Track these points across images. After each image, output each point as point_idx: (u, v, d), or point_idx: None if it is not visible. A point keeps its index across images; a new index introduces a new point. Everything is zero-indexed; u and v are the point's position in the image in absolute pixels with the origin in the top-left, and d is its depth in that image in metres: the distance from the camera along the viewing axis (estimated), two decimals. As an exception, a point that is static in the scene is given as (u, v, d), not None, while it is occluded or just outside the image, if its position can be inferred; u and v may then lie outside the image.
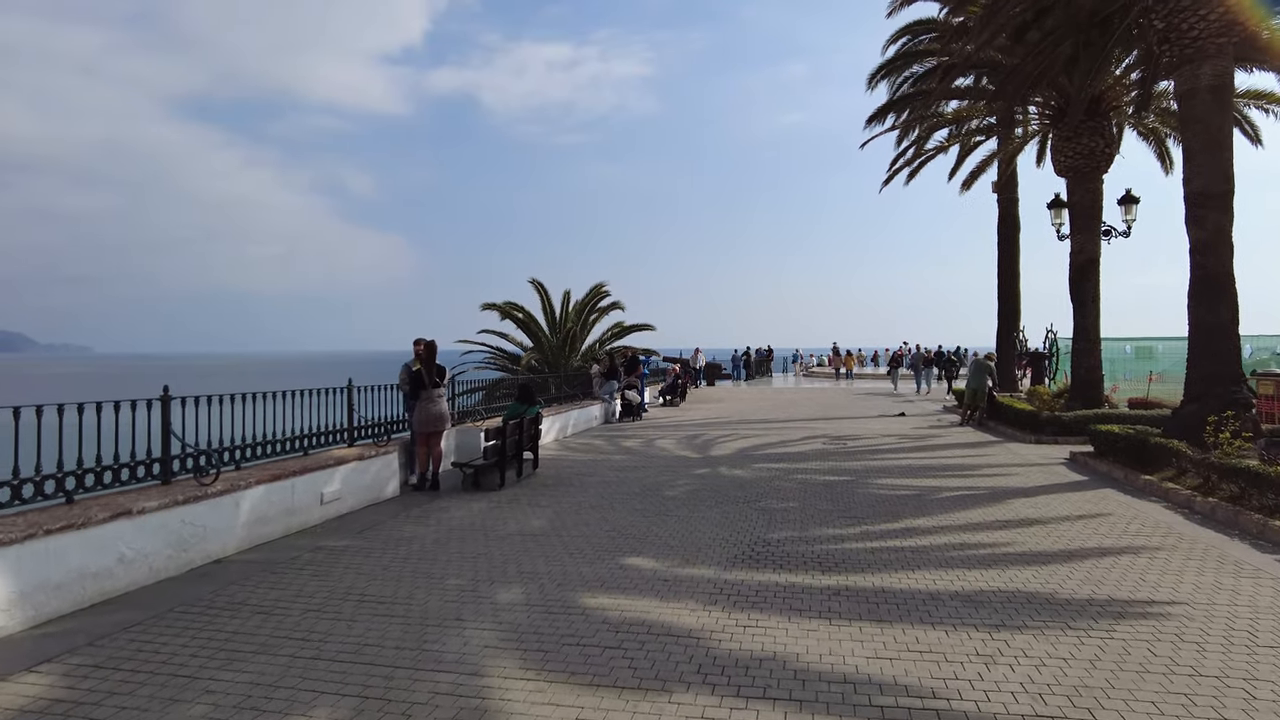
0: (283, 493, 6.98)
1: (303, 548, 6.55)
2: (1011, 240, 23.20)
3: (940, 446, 13.57)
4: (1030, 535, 6.82)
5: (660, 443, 14.10)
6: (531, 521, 7.49)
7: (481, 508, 8.21)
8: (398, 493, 8.98)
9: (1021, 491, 9.02)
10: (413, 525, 7.43)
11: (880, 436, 15.01)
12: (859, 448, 13.32)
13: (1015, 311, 23.20)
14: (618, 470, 10.80)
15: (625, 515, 7.75)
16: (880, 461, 11.64)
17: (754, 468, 10.94)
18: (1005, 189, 23.07)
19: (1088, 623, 4.59)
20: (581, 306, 27.69)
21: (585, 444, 14.00)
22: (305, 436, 8.13)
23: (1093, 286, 15.35)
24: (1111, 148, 15.14)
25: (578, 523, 7.41)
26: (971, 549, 6.38)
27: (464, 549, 6.47)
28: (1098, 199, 15.41)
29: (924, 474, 10.37)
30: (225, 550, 6.24)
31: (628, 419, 18.92)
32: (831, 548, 6.42)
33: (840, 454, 12.43)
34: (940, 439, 14.76)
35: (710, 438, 14.82)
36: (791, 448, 13.32)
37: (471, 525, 7.37)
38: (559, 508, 8.16)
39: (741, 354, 42.17)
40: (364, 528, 7.34)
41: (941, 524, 7.31)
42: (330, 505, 7.71)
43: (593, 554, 6.24)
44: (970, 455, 12.36)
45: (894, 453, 12.72)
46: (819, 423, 17.73)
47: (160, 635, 4.49)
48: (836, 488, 9.27)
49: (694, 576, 5.59)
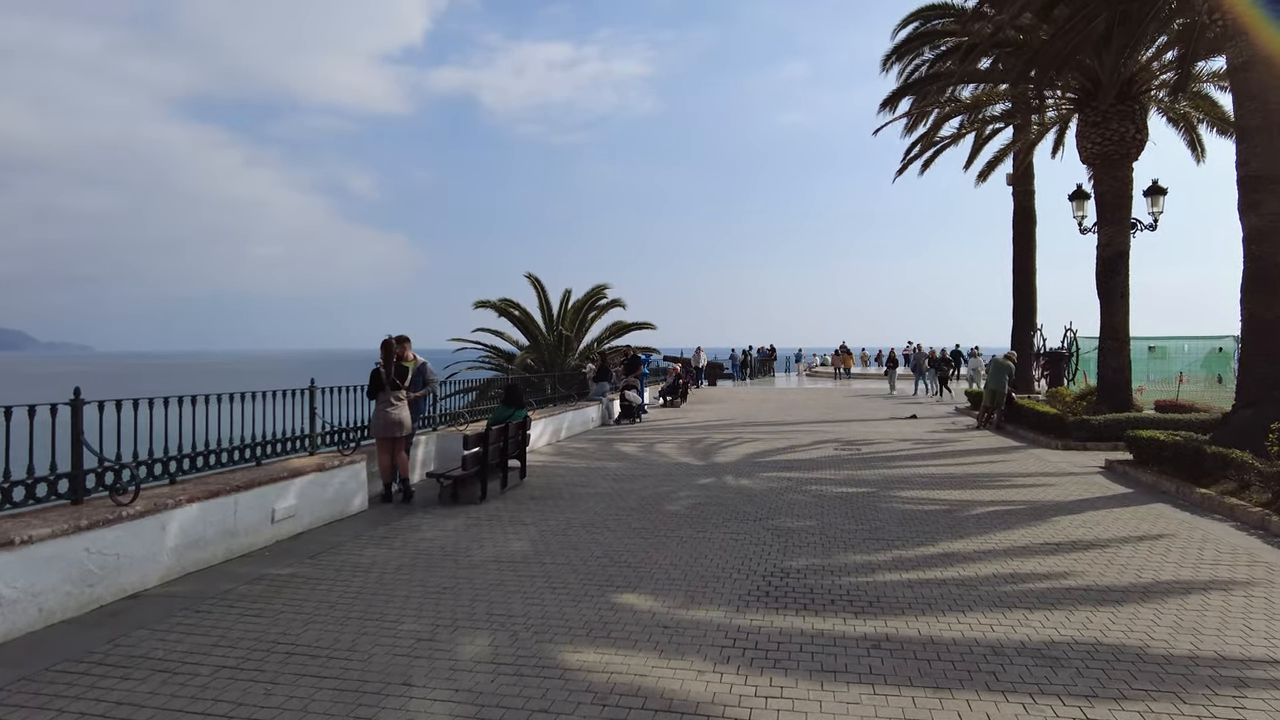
0: (222, 511, 6.02)
1: (242, 577, 5.59)
2: (1028, 235, 22.24)
3: (961, 453, 12.61)
4: (1090, 563, 5.86)
5: (660, 447, 13.14)
6: (512, 544, 6.53)
7: (457, 526, 7.25)
8: (365, 507, 8.02)
9: (1063, 507, 8.06)
10: (375, 548, 6.47)
11: (895, 441, 14.05)
12: (874, 454, 12.36)
13: (1031, 309, 22.25)
14: (614, 479, 9.83)
15: (620, 536, 6.78)
16: (899, 470, 10.68)
17: (763, 477, 9.98)
18: (1021, 181, 22.11)
19: (1204, 691, 3.63)
20: (580, 305, 26.75)
21: (580, 449, 13.04)
22: (257, 445, 7.17)
23: (1122, 281, 14.37)
24: (1142, 133, 14.16)
25: (565, 546, 6.45)
26: (1026, 581, 5.41)
27: (428, 580, 5.50)
28: (1127, 188, 14.44)
29: (950, 485, 9.41)
30: (146, 582, 5.28)
31: (626, 421, 17.96)
32: (861, 580, 5.46)
33: (855, 461, 11.47)
34: (959, 444, 13.80)
35: (713, 442, 13.86)
36: (801, 454, 12.36)
37: (442, 548, 6.40)
38: (545, 526, 7.20)
39: (743, 353, 41.20)
40: (319, 550, 6.38)
41: (984, 548, 6.35)
42: (283, 524, 6.75)
43: (579, 588, 5.28)
44: (996, 462, 11.40)
45: (913, 460, 11.76)
46: (828, 426, 16.77)
47: (13, 712, 3.52)
48: (856, 502, 8.31)
49: (700, 621, 4.62)
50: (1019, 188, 22.25)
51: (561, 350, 25.34)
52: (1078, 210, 17.44)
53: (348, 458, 7.84)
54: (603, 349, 26.86)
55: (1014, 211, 22.48)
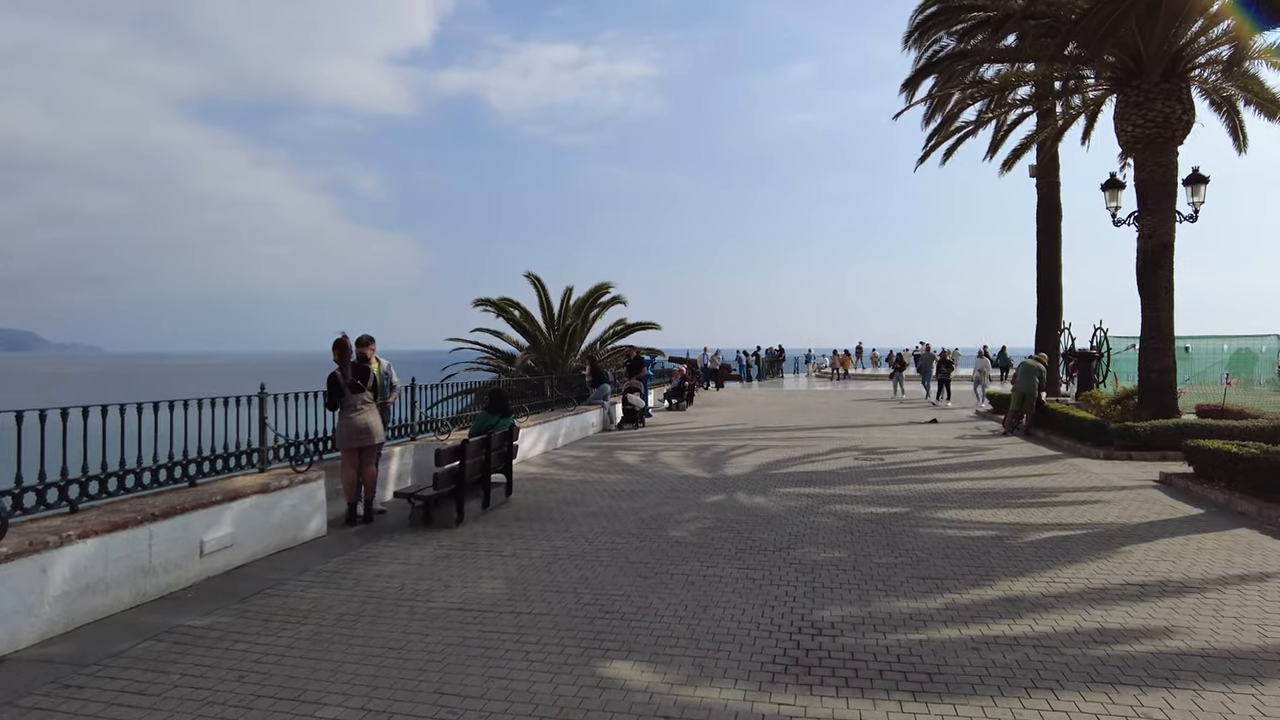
0: (131, 546, 4.96)
1: (146, 630, 4.54)
2: (1053, 228, 21.04)
3: (994, 463, 11.48)
4: (1193, 614, 4.75)
5: (664, 457, 12.05)
6: (484, 583, 5.45)
7: (423, 557, 6.18)
8: (323, 532, 6.95)
9: (1130, 532, 6.94)
10: (320, 588, 5.41)
11: (919, 449, 12.93)
12: (899, 464, 11.25)
13: (1057, 307, 21.04)
14: (611, 496, 8.76)
15: (614, 572, 5.70)
16: (932, 484, 9.56)
17: (779, 493, 8.88)
18: (1046, 172, 20.90)
19: None
20: (582, 303, 25.69)
21: (577, 458, 11.97)
22: (190, 462, 6.12)
23: (1166, 276, 13.20)
24: (1189, 114, 12.98)
25: (546, 586, 5.37)
26: (1120, 641, 4.30)
27: (373, 636, 4.44)
28: (1172, 174, 13.26)
29: (991, 502, 8.30)
30: (16, 642, 4.22)
31: (629, 426, 16.89)
32: (913, 639, 4.36)
33: (879, 473, 10.36)
34: (989, 452, 12.67)
35: (722, 450, 12.77)
36: (819, 463, 11.26)
37: (399, 589, 5.34)
38: (527, 558, 6.12)
39: (751, 354, 40.06)
40: (253, 591, 5.32)
41: (1052, 589, 5.24)
42: (216, 557, 5.69)
43: (557, 650, 4.20)
44: (1035, 475, 10.27)
45: (943, 472, 10.63)
46: (844, 432, 15.65)
47: None
48: (890, 525, 7.20)
49: (713, 706, 3.54)
50: (1043, 179, 21.05)
51: (563, 351, 24.29)
52: (1111, 201, 16.28)
53: (301, 475, 6.78)
54: (605, 350, 25.83)
55: (1038, 204, 21.29)
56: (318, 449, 7.62)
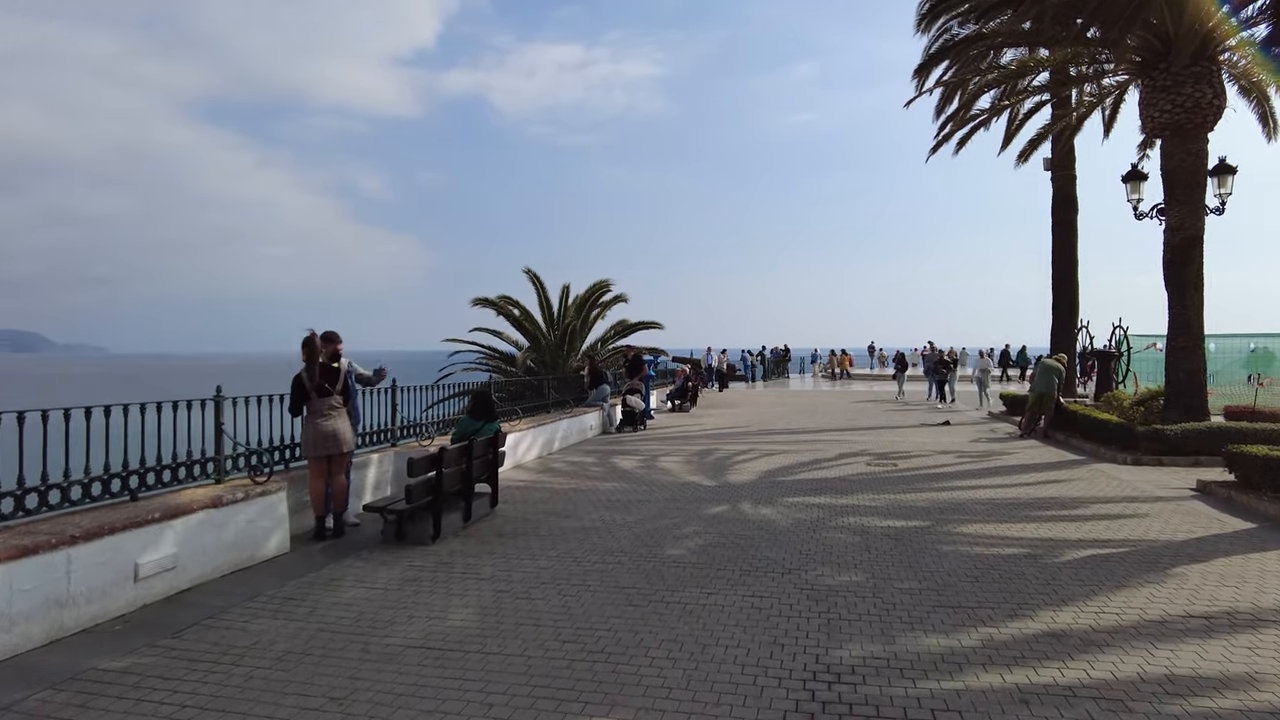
0: (43, 574, 4.32)
1: (50, 676, 3.90)
2: (1069, 223, 20.35)
3: (1015, 469, 10.78)
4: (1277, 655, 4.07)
5: (664, 462, 11.39)
6: (453, 614, 4.80)
7: (390, 581, 5.53)
8: (286, 549, 6.31)
9: (1178, 551, 6.25)
10: (269, 617, 4.76)
11: (934, 454, 12.23)
12: (914, 470, 10.56)
13: (1073, 304, 20.34)
14: (605, 507, 8.10)
15: (601, 600, 5.04)
16: (951, 493, 8.88)
17: (787, 503, 8.21)
18: (1062, 164, 20.20)
19: None
20: (582, 302, 25.03)
21: (573, 464, 11.31)
22: (131, 474, 5.49)
23: (1195, 271, 12.48)
24: (1220, 98, 12.26)
25: (524, 618, 4.71)
26: (1199, 694, 3.62)
27: (315, 681, 3.79)
28: (1201, 163, 12.54)
29: (1018, 514, 7.61)
30: (-111, 693, 3.60)
31: (629, 429, 16.23)
32: (947, 687, 3.69)
33: (894, 481, 9.68)
34: (1008, 456, 11.98)
35: (726, 455, 12.10)
36: (828, 469, 10.58)
37: (356, 620, 4.69)
38: (505, 582, 5.47)
39: (756, 353, 39.36)
40: (192, 622, 4.68)
41: (1102, 622, 4.56)
42: (154, 581, 5.05)
43: (528, 703, 3.54)
44: (1061, 482, 9.58)
45: (962, 479, 9.94)
46: (853, 435, 14.96)
47: None
48: (910, 542, 6.53)
49: (709, 784, 2.88)
50: (1059, 172, 20.34)
51: (563, 351, 23.65)
52: (1133, 193, 15.56)
53: (260, 487, 6.14)
54: (606, 349, 25.18)
55: (1053, 198, 20.60)
56: (282, 458, 6.98)
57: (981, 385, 22.05)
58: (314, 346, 6.81)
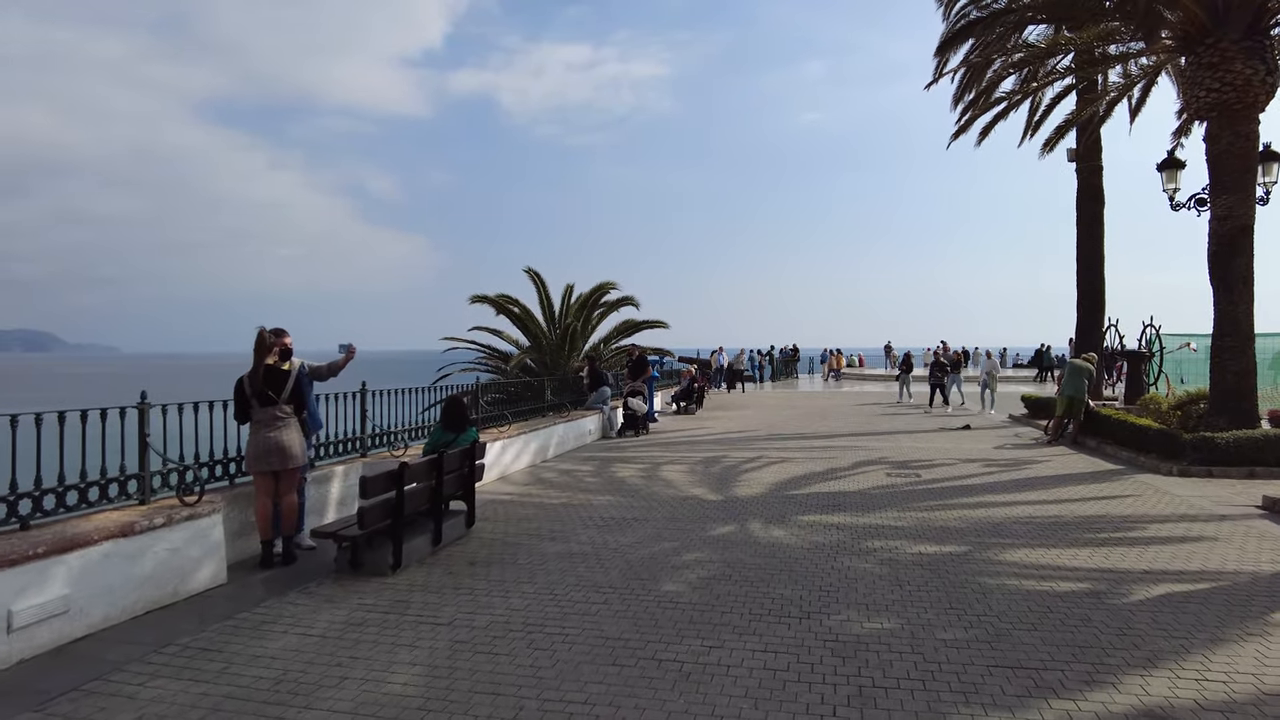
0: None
1: None
2: (1095, 217, 19.23)
3: (1050, 480, 9.81)
4: None
5: (667, 471, 10.47)
6: (396, 674, 3.89)
7: (331, 625, 4.63)
8: (222, 579, 5.43)
9: (1270, 587, 5.28)
10: (169, 677, 3.87)
11: (958, 462, 11.27)
12: (940, 482, 9.61)
13: (1099, 301, 19.21)
14: (597, 526, 7.19)
15: (579, 657, 4.13)
16: (985, 509, 7.92)
17: (801, 523, 7.28)
18: (1088, 155, 19.10)
19: None
20: (585, 301, 24.15)
21: (567, 473, 10.41)
22: (22, 496, 4.61)
23: (1245, 263, 11.46)
24: (1274, 76, 11.25)
25: (481, 683, 3.80)
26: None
27: (191, 787, 2.90)
28: (1252, 146, 11.53)
29: (1066, 537, 6.66)
30: None
31: (630, 433, 15.32)
32: (1030, 803, 2.76)
33: (920, 495, 8.74)
34: (1040, 465, 11.00)
35: (733, 463, 11.18)
36: (846, 481, 9.63)
37: (276, 683, 3.79)
38: (467, 629, 4.56)
39: (765, 353, 38.36)
40: (71, 686, 3.78)
41: (1212, 694, 3.61)
42: (38, 629, 4.17)
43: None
44: (1107, 498, 8.61)
45: (994, 493, 8.98)
46: (869, 441, 14.00)
47: None
48: (948, 572, 5.58)
49: None
50: (1084, 163, 19.25)
51: (564, 351, 22.76)
52: (1169, 182, 14.54)
53: (188, 509, 5.26)
54: (610, 349, 24.28)
55: (1078, 191, 19.51)
56: (225, 472, 6.10)
57: (986, 387, 20.26)
58: (262, 345, 5.93)
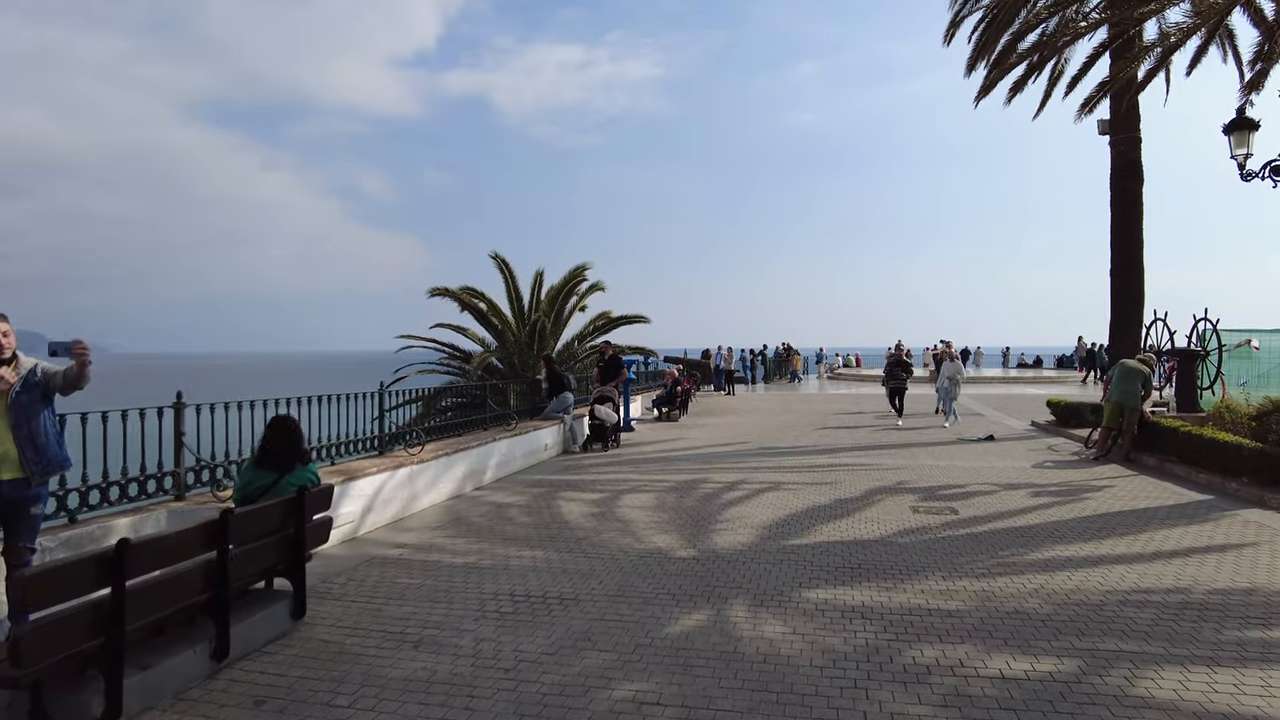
0: None
1: None
2: (1133, 196, 16.86)
3: (1129, 520, 7.41)
4: None
5: (627, 506, 8.05)
6: None
7: None
8: None
9: None
10: None
11: (997, 489, 8.88)
12: (985, 522, 7.21)
13: (1137, 293, 16.86)
14: (496, 616, 4.75)
15: None
16: (1067, 575, 5.50)
17: (807, 605, 4.86)
18: (1123, 125, 16.74)
19: None
20: (557, 292, 21.70)
21: (496, 509, 7.98)
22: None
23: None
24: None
25: None
26: None
27: None
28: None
29: (1221, 636, 4.26)
30: None
31: (597, 447, 12.91)
32: None
33: (965, 544, 6.33)
34: (1103, 495, 8.60)
35: (714, 490, 8.77)
36: (860, 520, 7.24)
37: None
38: None
39: (757, 352, 35.96)
40: None
41: None
42: None
43: None
44: (1221, 548, 6.22)
45: (1066, 543, 6.55)
46: (880, 456, 11.61)
47: None
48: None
49: None
50: (1120, 134, 16.87)
51: (534, 349, 20.33)
52: (1238, 146, 12.15)
53: None
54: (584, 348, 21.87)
55: (1112, 167, 17.14)
56: None
57: (947, 395, 16.49)
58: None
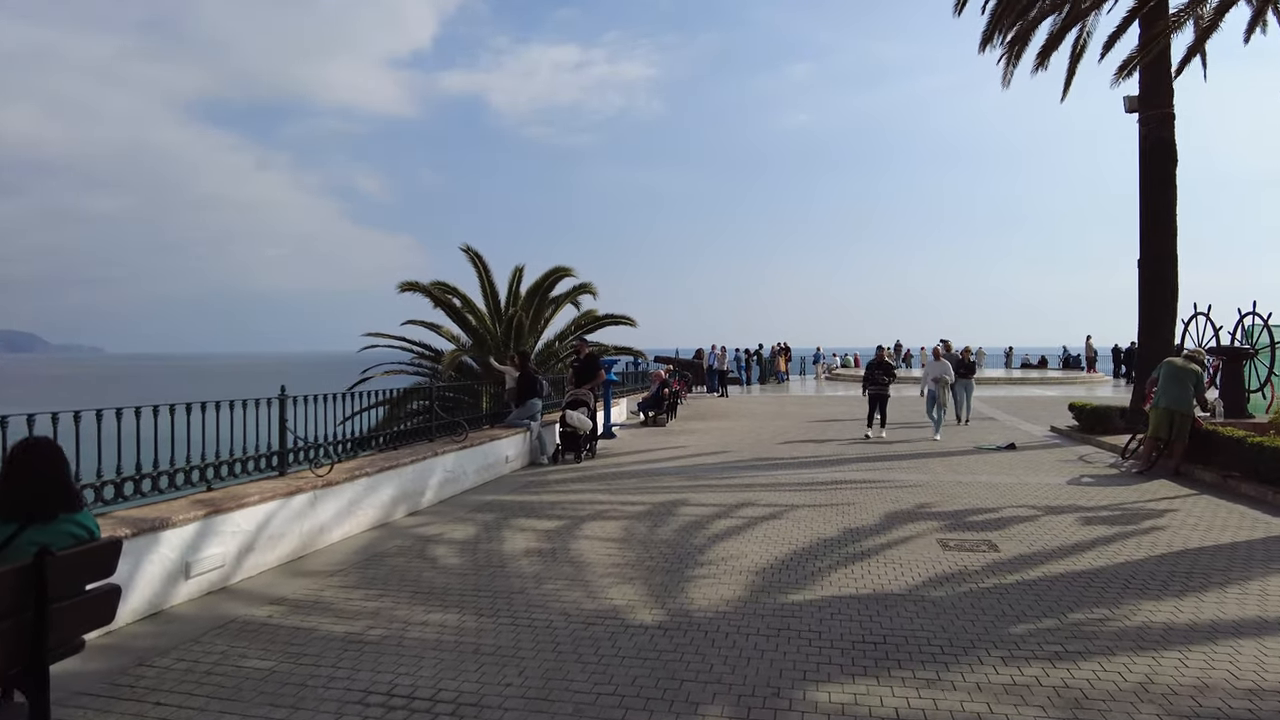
0: None
1: None
2: (1165, 179, 15.27)
3: (1213, 558, 5.86)
4: None
5: (585, 539, 6.49)
6: None
7: None
8: None
9: None
10: None
11: (1037, 514, 7.35)
12: (1034, 566, 5.64)
13: (1170, 288, 15.25)
14: (359, 731, 3.20)
15: None
16: (1165, 654, 3.96)
17: (816, 717, 3.31)
18: (1154, 100, 15.19)
19: None
20: (536, 287, 20.18)
21: (421, 545, 6.41)
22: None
23: None
24: None
25: None
26: None
27: None
28: None
29: None
30: None
31: (569, 458, 11.38)
32: None
33: (1016, 598, 4.77)
34: (1166, 523, 7.06)
35: (697, 518, 7.22)
36: (880, 563, 5.68)
37: None
38: None
39: (753, 352, 34.41)
40: None
41: None
42: None
43: None
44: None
45: (1149, 599, 4.98)
46: (892, 469, 10.08)
47: None
48: None
49: None
50: (1150, 111, 15.29)
51: (510, 347, 18.78)
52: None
53: None
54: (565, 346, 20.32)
55: (1141, 147, 15.57)
56: None
57: (935, 400, 14.42)
58: None
